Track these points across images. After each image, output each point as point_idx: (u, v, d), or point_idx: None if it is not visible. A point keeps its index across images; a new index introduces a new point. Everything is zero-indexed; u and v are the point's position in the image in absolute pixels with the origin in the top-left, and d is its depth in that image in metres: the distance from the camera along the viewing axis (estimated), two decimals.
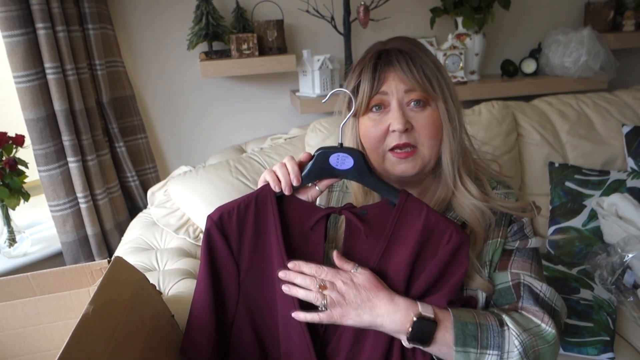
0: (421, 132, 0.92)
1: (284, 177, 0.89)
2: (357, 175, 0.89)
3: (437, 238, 0.85)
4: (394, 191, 0.88)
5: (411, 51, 0.93)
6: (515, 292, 0.92)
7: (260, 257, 0.91)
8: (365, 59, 0.95)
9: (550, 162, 1.83)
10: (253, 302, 0.92)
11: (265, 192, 0.90)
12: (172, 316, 1.03)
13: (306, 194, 0.92)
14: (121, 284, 0.91)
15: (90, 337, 0.77)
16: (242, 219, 0.90)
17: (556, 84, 2.07)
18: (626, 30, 2.13)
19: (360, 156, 0.87)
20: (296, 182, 0.89)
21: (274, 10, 1.96)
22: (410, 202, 0.87)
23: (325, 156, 0.88)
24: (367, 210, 0.89)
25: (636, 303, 1.43)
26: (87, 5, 1.69)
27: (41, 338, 1.06)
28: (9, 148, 1.68)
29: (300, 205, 0.91)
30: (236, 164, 1.62)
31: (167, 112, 2.04)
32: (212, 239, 0.90)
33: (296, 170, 0.89)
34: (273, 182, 0.89)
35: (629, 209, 1.59)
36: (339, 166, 0.88)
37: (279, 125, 2.09)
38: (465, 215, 0.95)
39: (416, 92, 0.91)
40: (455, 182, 0.96)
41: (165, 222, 1.57)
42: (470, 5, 1.96)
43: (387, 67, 0.92)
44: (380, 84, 0.92)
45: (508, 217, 0.98)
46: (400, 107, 0.91)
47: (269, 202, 0.90)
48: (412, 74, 0.91)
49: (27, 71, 1.55)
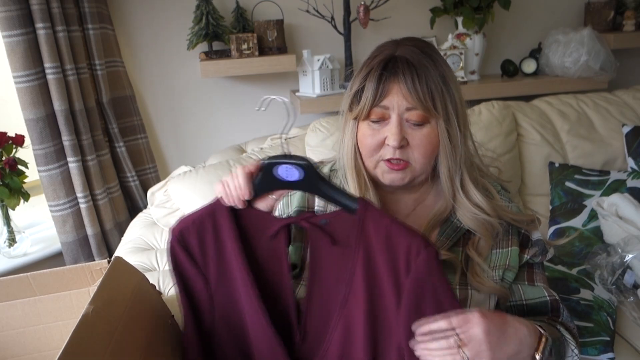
0: (415, 150, 0.92)
1: (234, 190, 0.86)
2: (307, 186, 0.85)
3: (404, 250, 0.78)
4: (351, 199, 0.83)
5: (419, 64, 0.90)
6: (553, 307, 0.97)
7: (225, 272, 0.88)
8: (373, 62, 0.93)
9: (551, 162, 1.83)
10: (228, 317, 0.89)
11: (219, 205, 0.87)
12: (172, 316, 1.03)
13: (264, 202, 0.88)
14: (121, 284, 0.91)
15: (90, 337, 0.76)
16: (202, 234, 0.87)
17: (556, 84, 2.06)
18: (626, 30, 2.13)
19: (309, 165, 0.83)
20: (247, 196, 0.85)
21: (274, 10, 1.96)
22: (370, 211, 0.82)
23: (271, 167, 0.84)
24: (327, 220, 0.85)
25: (636, 303, 1.43)
26: (87, 5, 1.69)
27: (41, 338, 1.06)
28: (9, 148, 1.68)
29: (258, 216, 0.87)
30: (236, 164, 1.62)
31: (167, 112, 2.04)
32: (175, 254, 0.87)
33: (245, 184, 0.85)
34: (225, 196, 0.86)
35: (629, 209, 1.59)
36: (288, 177, 0.84)
37: (279, 125, 2.08)
38: (470, 224, 0.96)
39: (417, 112, 0.90)
40: (455, 196, 0.96)
41: (165, 222, 1.57)
42: (470, 5, 1.96)
43: (392, 78, 0.90)
44: (383, 97, 0.91)
45: (515, 226, 0.99)
46: (399, 122, 0.90)
47: (224, 215, 0.87)
48: (415, 92, 0.89)
49: (27, 71, 1.55)
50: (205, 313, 0.89)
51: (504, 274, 0.96)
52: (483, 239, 0.95)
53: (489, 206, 0.95)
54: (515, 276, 0.97)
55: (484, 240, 0.95)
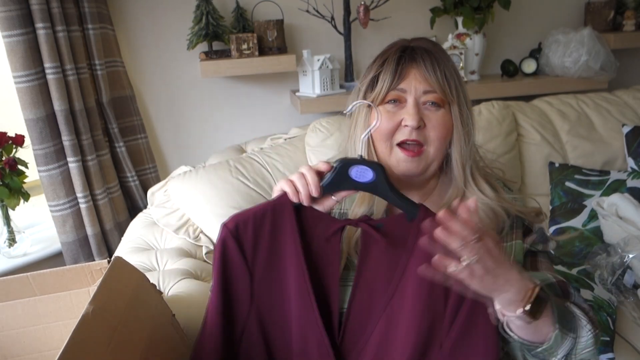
0: (432, 132, 0.93)
1: (303, 187, 0.87)
2: (377, 188, 0.87)
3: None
4: (413, 206, 0.86)
5: (436, 52, 0.94)
6: (562, 288, 0.92)
7: (275, 268, 0.89)
8: (390, 51, 0.96)
9: (551, 162, 1.83)
10: (265, 314, 0.90)
11: (282, 202, 0.88)
12: (173, 315, 1.03)
13: (322, 204, 0.89)
14: (121, 284, 0.91)
15: (90, 337, 0.76)
16: (258, 229, 0.88)
17: (556, 84, 2.07)
18: (626, 30, 2.13)
19: (380, 169, 0.86)
20: (316, 193, 0.86)
21: (274, 10, 1.96)
22: (430, 217, 0.84)
23: (346, 168, 0.86)
24: (383, 223, 0.88)
25: (636, 303, 1.43)
26: (87, 5, 1.69)
27: (41, 338, 1.06)
28: (9, 148, 1.68)
29: (316, 216, 0.89)
30: (236, 164, 1.62)
31: (167, 112, 2.04)
32: (227, 248, 0.87)
33: (316, 181, 0.86)
34: (292, 193, 0.87)
35: (629, 209, 1.59)
36: (359, 179, 0.86)
37: (279, 125, 2.09)
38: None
39: (435, 94, 0.93)
40: (466, 182, 0.96)
41: (165, 222, 1.57)
42: (470, 5, 1.96)
43: (411, 63, 0.93)
44: (401, 80, 0.93)
45: (521, 220, 0.98)
46: (416, 104, 0.92)
47: (287, 212, 0.88)
48: (435, 75, 0.92)
49: (27, 71, 1.55)
50: (240, 314, 0.89)
51: None
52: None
53: (496, 197, 0.96)
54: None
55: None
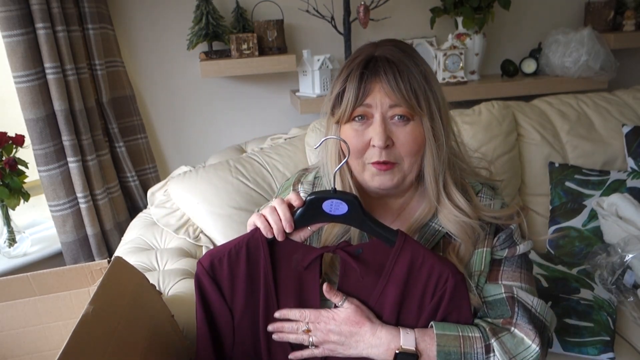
0: (401, 149, 0.91)
1: (275, 223, 0.86)
2: (352, 220, 0.86)
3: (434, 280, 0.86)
4: (391, 233, 0.86)
5: (400, 62, 0.90)
6: (509, 306, 0.91)
7: (254, 303, 0.90)
8: (353, 64, 0.92)
9: (550, 162, 1.83)
10: (250, 348, 0.92)
11: (256, 237, 0.88)
12: (172, 316, 1.03)
13: (298, 234, 0.89)
14: (121, 284, 0.91)
15: (90, 337, 0.76)
16: (234, 265, 0.88)
17: (556, 84, 2.07)
18: (626, 30, 2.13)
19: (355, 202, 0.85)
20: (289, 229, 0.86)
21: (274, 10, 1.96)
22: (407, 243, 0.86)
23: (319, 202, 0.85)
24: (362, 249, 0.88)
25: (636, 303, 1.43)
26: (87, 5, 1.69)
27: (41, 338, 1.06)
28: (9, 148, 1.68)
29: (292, 247, 0.89)
30: (236, 164, 1.62)
31: (167, 112, 2.04)
32: (202, 285, 0.89)
33: (288, 216, 0.86)
34: (264, 229, 0.86)
35: (629, 209, 1.59)
36: (332, 212, 0.86)
37: (279, 125, 2.09)
38: (451, 228, 0.94)
39: (401, 108, 0.89)
40: (439, 198, 0.95)
41: (165, 222, 1.57)
42: (470, 5, 1.96)
43: (374, 77, 0.89)
44: (365, 95, 0.89)
45: (494, 225, 0.97)
46: (383, 121, 0.89)
47: (260, 248, 0.88)
48: (398, 89, 0.88)
49: (27, 71, 1.55)
50: (227, 346, 0.92)
51: (478, 281, 0.94)
52: (464, 245, 0.94)
53: (470, 208, 0.94)
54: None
55: (464, 246, 0.94)
